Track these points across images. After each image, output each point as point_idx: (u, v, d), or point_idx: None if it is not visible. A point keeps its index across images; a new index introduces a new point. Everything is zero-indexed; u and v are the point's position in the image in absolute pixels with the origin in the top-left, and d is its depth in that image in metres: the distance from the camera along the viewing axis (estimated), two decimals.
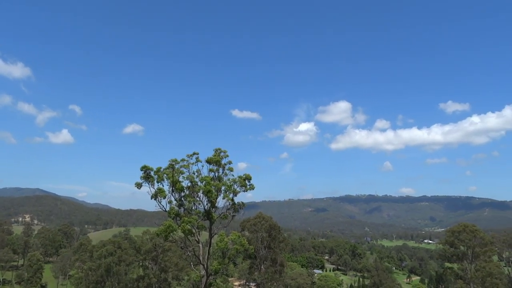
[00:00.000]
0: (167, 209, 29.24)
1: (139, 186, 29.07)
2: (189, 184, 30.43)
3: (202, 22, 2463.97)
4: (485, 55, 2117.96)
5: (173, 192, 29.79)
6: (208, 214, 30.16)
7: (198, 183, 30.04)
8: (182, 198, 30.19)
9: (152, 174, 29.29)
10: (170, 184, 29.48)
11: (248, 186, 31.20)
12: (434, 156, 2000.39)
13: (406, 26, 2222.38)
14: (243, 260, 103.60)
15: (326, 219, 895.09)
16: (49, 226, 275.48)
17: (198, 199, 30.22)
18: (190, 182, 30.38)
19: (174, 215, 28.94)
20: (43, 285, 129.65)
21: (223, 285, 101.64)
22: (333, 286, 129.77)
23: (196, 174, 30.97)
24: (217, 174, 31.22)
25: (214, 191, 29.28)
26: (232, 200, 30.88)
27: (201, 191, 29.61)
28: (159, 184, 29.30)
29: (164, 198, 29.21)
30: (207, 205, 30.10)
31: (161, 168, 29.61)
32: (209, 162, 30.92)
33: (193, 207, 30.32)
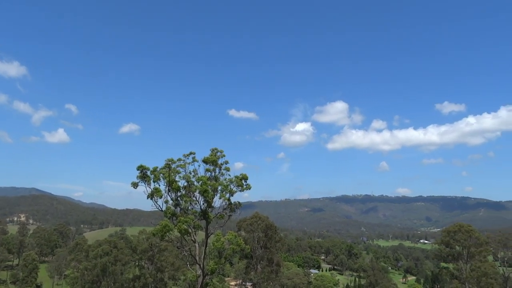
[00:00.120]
0: (164, 208, 29.24)
1: (136, 185, 29.06)
2: (185, 183, 30.46)
3: (199, 22, 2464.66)
4: (481, 56, 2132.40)
5: (169, 191, 29.79)
6: (204, 214, 30.19)
7: (195, 183, 30.06)
8: (179, 198, 30.19)
9: (148, 173, 29.29)
10: (166, 183, 29.49)
11: (244, 186, 31.27)
12: (430, 156, 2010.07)
13: (403, 27, 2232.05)
14: (240, 260, 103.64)
15: (323, 219, 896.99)
16: (44, 226, 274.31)
17: (195, 199, 30.24)
18: (187, 181, 30.41)
19: (170, 215, 28.95)
20: (38, 285, 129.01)
21: (220, 285, 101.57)
22: (329, 286, 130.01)
23: (192, 173, 31.03)
24: (213, 174, 31.26)
25: (210, 191, 29.30)
26: (228, 200, 30.91)
27: (197, 191, 29.64)
28: (156, 183, 29.35)
29: (160, 197, 29.22)
30: (204, 204, 30.12)
31: (157, 167, 29.63)
32: (205, 161, 30.95)
33: (189, 207, 30.33)
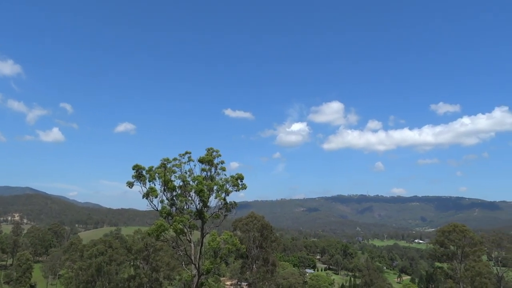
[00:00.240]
0: (159, 208, 29.14)
1: (131, 185, 28.93)
2: (181, 183, 30.37)
3: (195, 23, 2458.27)
4: (476, 57, 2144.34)
5: (165, 191, 29.69)
6: (200, 214, 30.13)
7: (190, 183, 29.98)
8: (174, 198, 30.10)
9: (144, 173, 29.16)
10: (162, 183, 29.39)
11: (240, 186, 31.22)
12: (425, 156, 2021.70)
13: (399, 28, 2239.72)
14: (235, 259, 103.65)
15: (318, 219, 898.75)
16: (39, 225, 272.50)
17: (190, 199, 30.16)
18: (182, 181, 30.32)
19: (165, 215, 28.85)
20: (32, 284, 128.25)
21: (215, 284, 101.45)
22: (324, 285, 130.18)
23: (188, 173, 30.94)
24: (209, 174, 31.20)
25: (206, 191, 29.25)
26: (224, 199, 30.85)
27: (193, 191, 29.57)
28: (151, 183, 29.20)
29: (156, 197, 29.10)
30: (199, 204, 30.05)
31: (153, 167, 29.51)
32: (201, 161, 30.88)
33: (185, 207, 30.25)
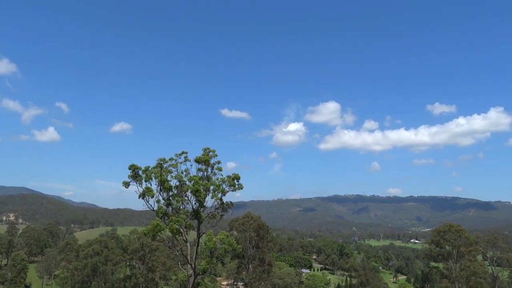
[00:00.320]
0: (155, 208, 29.06)
1: (127, 185, 28.84)
2: (177, 183, 30.31)
3: (192, 23, 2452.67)
4: (472, 58, 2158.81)
5: (161, 191, 29.62)
6: (196, 214, 30.07)
7: (187, 183, 29.93)
8: (170, 197, 30.03)
9: (140, 173, 29.08)
10: (158, 183, 29.32)
11: (236, 186, 31.19)
12: (421, 157, 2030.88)
13: (395, 28, 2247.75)
14: (231, 259, 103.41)
15: (315, 219, 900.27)
16: (34, 225, 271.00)
17: (187, 199, 30.11)
18: (179, 181, 30.26)
19: (162, 214, 28.78)
20: (27, 285, 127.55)
21: (211, 284, 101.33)
22: (320, 285, 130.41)
23: (184, 173, 30.89)
24: (205, 174, 31.14)
25: (202, 191, 29.20)
26: (220, 199, 30.83)
27: (189, 191, 29.50)
28: (147, 183, 29.11)
29: (152, 197, 29.03)
30: (196, 204, 29.99)
31: (149, 167, 29.43)
32: (197, 161, 30.83)
33: (181, 207, 30.20)
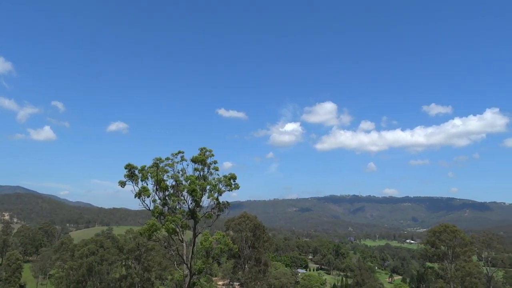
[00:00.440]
0: (151, 208, 29.03)
1: (123, 184, 28.80)
2: (173, 183, 30.31)
3: (190, 23, 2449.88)
4: (468, 59, 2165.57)
5: (157, 191, 29.58)
6: (192, 213, 30.05)
7: (183, 182, 29.90)
8: (167, 197, 30.00)
9: (136, 172, 29.03)
10: (154, 182, 29.28)
11: (233, 186, 31.21)
12: (417, 157, 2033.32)
13: (392, 29, 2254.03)
14: (227, 259, 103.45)
15: (311, 219, 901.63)
16: (29, 225, 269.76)
17: (183, 198, 30.08)
18: (175, 181, 30.25)
19: (158, 214, 28.75)
20: (22, 284, 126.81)
21: (207, 284, 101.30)
22: (316, 285, 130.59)
23: (181, 173, 30.87)
24: (202, 173, 31.13)
25: (199, 190, 29.18)
26: (217, 199, 30.82)
27: (185, 190, 29.50)
28: (143, 182, 29.13)
29: (148, 197, 29.00)
30: (192, 204, 29.97)
31: (145, 166, 29.40)
32: (194, 161, 30.81)
33: (177, 206, 30.15)
